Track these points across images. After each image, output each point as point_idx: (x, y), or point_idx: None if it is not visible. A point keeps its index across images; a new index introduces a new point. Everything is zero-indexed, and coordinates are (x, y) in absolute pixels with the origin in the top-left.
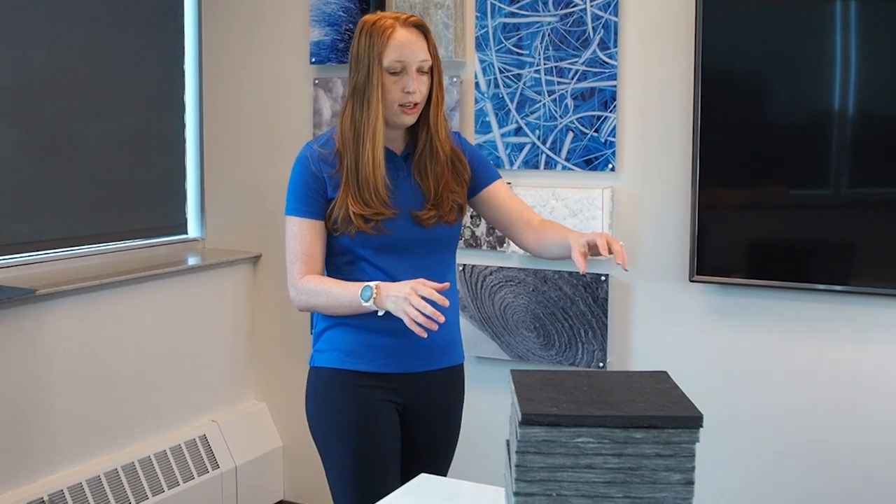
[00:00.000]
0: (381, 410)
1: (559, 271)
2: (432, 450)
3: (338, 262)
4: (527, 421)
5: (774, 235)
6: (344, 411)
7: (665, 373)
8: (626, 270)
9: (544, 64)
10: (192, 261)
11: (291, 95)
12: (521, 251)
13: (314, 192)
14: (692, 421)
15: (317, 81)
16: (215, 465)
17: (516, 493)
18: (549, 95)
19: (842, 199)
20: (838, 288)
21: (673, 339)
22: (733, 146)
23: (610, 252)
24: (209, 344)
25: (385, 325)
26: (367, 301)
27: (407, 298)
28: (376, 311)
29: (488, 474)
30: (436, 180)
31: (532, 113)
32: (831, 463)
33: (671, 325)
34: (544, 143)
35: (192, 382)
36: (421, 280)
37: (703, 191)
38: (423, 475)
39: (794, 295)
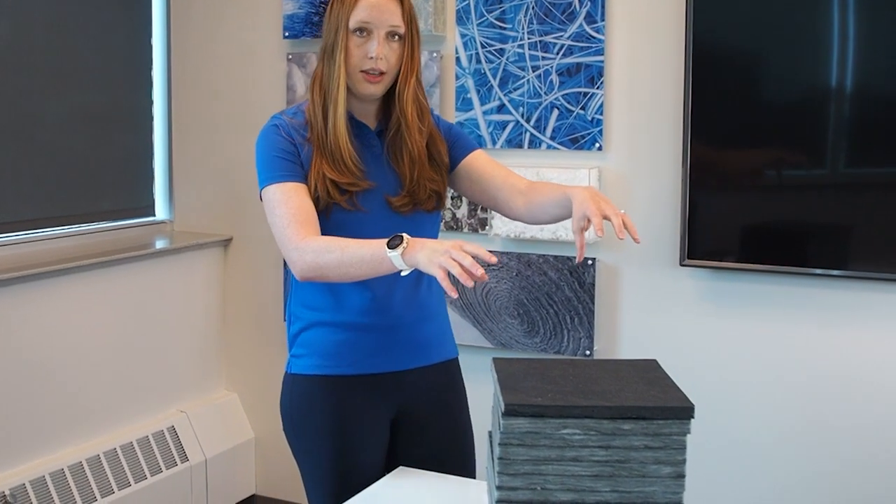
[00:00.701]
0: (366, 421)
1: (544, 255)
2: (444, 457)
3: None
4: (510, 411)
5: (769, 217)
6: (323, 424)
7: (654, 361)
8: (638, 242)
9: (528, 38)
10: (159, 244)
11: (264, 71)
12: (504, 234)
13: (291, 155)
14: (683, 411)
15: (290, 56)
16: (184, 458)
17: (499, 487)
18: (534, 71)
19: (839, 180)
20: (835, 272)
21: (663, 326)
22: (726, 124)
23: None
24: (178, 331)
25: (368, 321)
26: (393, 250)
27: (448, 251)
28: (398, 272)
29: None
30: (410, 166)
31: (515, 89)
32: (828, 453)
33: (661, 312)
34: (528, 121)
35: (160, 371)
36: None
37: (694, 171)
38: (401, 468)
39: (790, 280)
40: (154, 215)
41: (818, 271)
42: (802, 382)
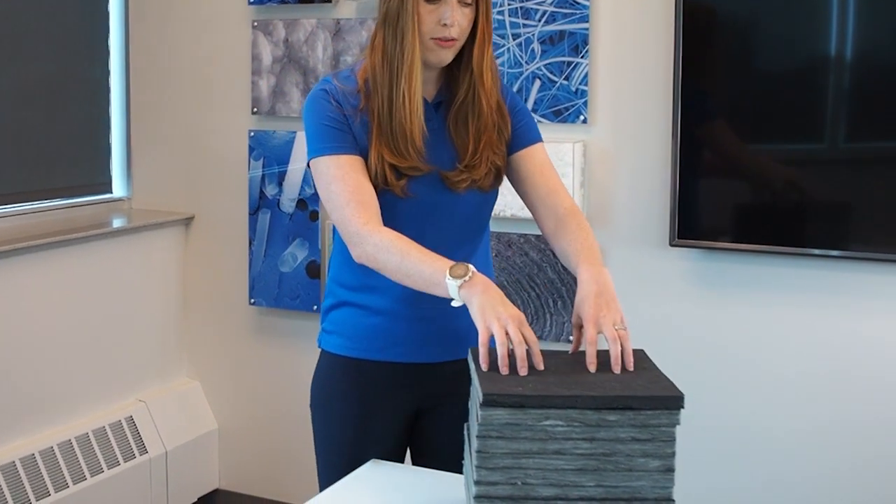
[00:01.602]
0: (387, 411)
1: (525, 235)
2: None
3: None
4: (488, 402)
5: (765, 195)
6: (344, 408)
7: (642, 351)
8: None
9: (508, 4)
10: (117, 223)
11: (228, 39)
12: None
13: (343, 125)
14: (672, 401)
15: (256, 24)
16: (143, 450)
17: (477, 482)
18: (514, 39)
19: (839, 154)
20: (835, 253)
21: (651, 311)
22: (718, 96)
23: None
24: (137, 316)
25: (402, 308)
26: (454, 280)
27: (507, 321)
28: (449, 300)
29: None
30: (476, 137)
31: (495, 59)
32: (828, 443)
33: (649, 295)
34: None
35: (117, 358)
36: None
37: (684, 145)
38: (374, 460)
39: (787, 261)
40: (111, 192)
41: (817, 252)
42: (800, 370)
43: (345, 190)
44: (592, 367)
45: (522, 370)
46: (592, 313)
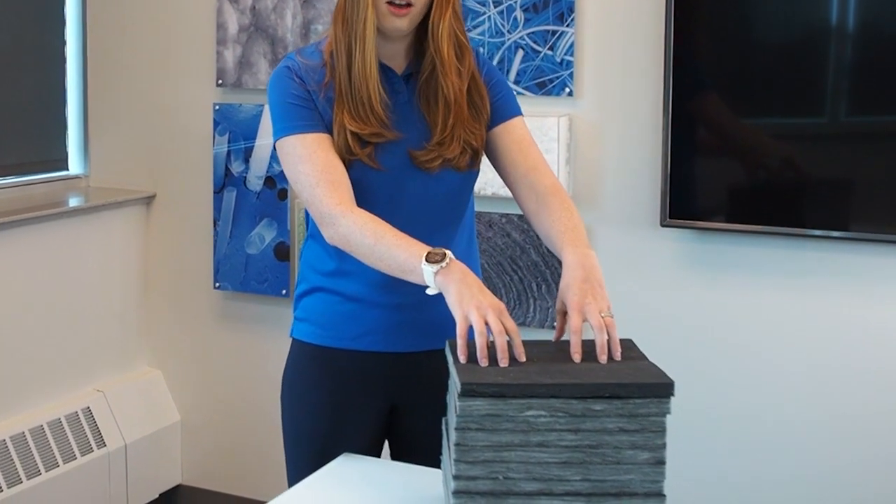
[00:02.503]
0: (360, 403)
1: (507, 214)
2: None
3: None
4: (467, 392)
5: (761, 172)
6: (314, 399)
7: (630, 341)
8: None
9: None
10: (73, 202)
11: (191, 7)
12: None
13: (307, 102)
14: (662, 389)
15: None
16: (101, 443)
17: (456, 477)
18: (496, 7)
19: (841, 129)
20: (836, 234)
21: (641, 295)
22: (713, 67)
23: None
24: (94, 300)
25: (377, 295)
26: (429, 266)
27: (486, 309)
28: (424, 288)
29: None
30: (445, 112)
31: (475, 27)
32: (829, 434)
33: (639, 279)
34: None
35: (73, 346)
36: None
37: (676, 119)
38: (346, 454)
39: (785, 242)
40: (67, 169)
41: (817, 233)
42: (799, 358)
43: (314, 170)
44: (577, 357)
45: (503, 361)
46: (577, 300)
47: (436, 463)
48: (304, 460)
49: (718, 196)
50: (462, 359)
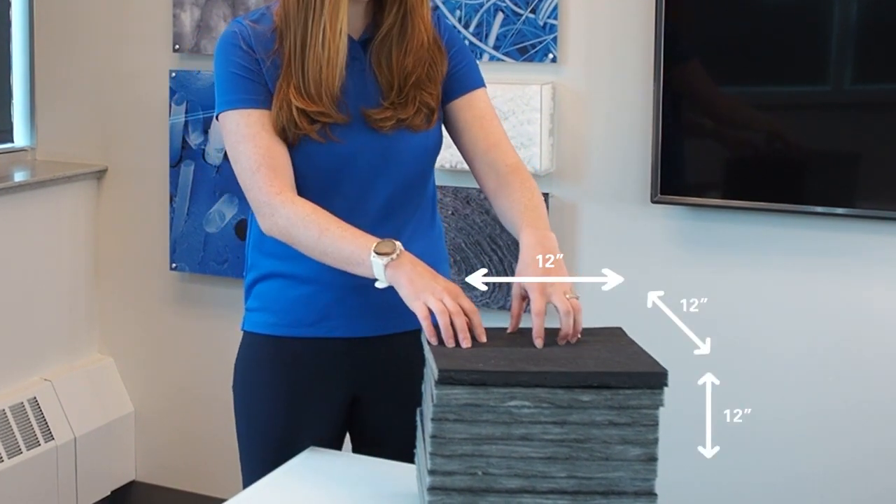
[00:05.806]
0: (319, 393)
1: None
2: (405, 438)
3: None
4: (444, 379)
5: (759, 145)
6: (270, 393)
7: (619, 329)
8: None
9: None
10: (18, 176)
11: None
12: (437, 163)
13: (254, 74)
14: (654, 378)
15: None
16: (49, 437)
17: (432, 472)
18: None
19: (845, 98)
20: (840, 211)
21: (630, 275)
22: (707, 30)
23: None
24: (40, 282)
25: (332, 276)
26: (378, 258)
27: (441, 294)
28: (374, 280)
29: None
30: (400, 70)
31: None
32: (831, 423)
33: (628, 258)
34: (467, 26)
35: (18, 331)
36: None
37: (667, 88)
38: (311, 448)
39: (784, 220)
40: (12, 141)
41: (819, 209)
42: (799, 342)
43: (255, 152)
44: (539, 343)
45: (465, 342)
46: (537, 285)
47: (401, 456)
48: (258, 459)
49: (713, 170)
50: (432, 340)
